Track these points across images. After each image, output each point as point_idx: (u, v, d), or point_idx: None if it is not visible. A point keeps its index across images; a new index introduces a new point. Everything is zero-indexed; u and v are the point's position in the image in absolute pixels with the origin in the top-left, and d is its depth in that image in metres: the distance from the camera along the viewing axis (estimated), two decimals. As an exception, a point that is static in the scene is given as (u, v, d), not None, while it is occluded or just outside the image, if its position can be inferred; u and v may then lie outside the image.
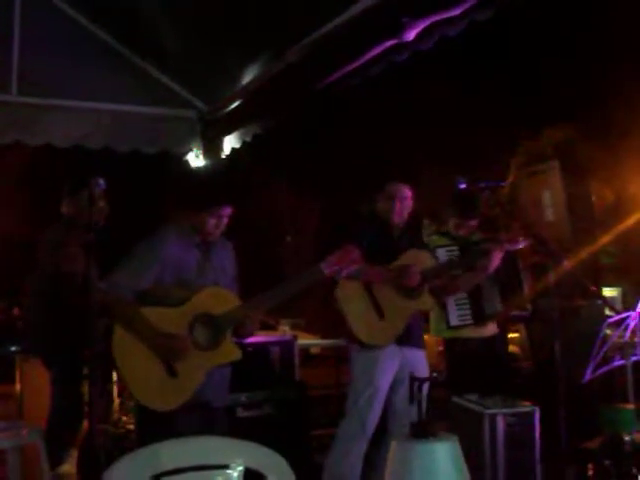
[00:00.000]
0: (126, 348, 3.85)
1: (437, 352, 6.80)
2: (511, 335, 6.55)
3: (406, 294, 4.67)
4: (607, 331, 4.92)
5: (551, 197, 6.85)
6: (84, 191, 4.85)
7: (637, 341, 4.68)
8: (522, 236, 4.98)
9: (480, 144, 7.21)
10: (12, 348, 5.98)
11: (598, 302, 6.04)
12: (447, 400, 4.90)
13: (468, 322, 5.35)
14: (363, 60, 4.74)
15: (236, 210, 4.05)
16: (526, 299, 5.77)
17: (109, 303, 3.88)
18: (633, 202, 6.97)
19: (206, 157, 6.80)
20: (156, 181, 7.61)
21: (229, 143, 6.67)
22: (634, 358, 4.68)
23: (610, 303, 5.90)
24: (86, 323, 3.91)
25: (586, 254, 6.32)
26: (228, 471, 2.53)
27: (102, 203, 5.07)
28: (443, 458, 2.50)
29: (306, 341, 7.08)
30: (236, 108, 6.34)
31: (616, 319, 4.82)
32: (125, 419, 6.15)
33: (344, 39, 4.79)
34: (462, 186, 4.32)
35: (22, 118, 6.03)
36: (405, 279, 4.62)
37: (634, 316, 4.69)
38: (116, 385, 6.30)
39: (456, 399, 4.81)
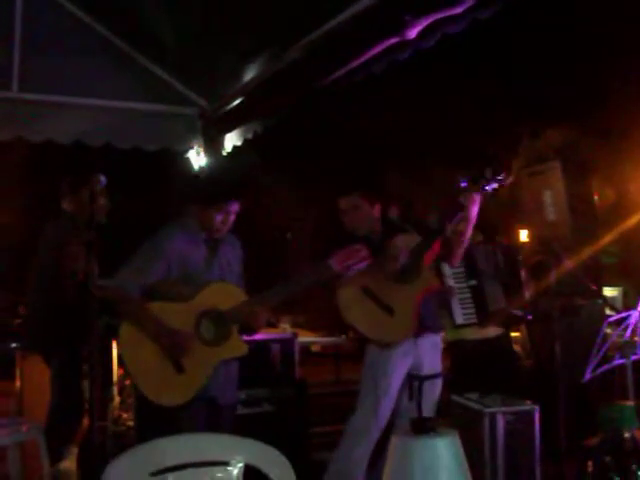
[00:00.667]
0: (133, 344, 3.89)
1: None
2: (513, 334, 6.54)
3: (404, 280, 4.49)
4: (607, 330, 4.93)
5: (552, 197, 6.85)
6: (85, 188, 4.87)
7: (637, 340, 4.68)
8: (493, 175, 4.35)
9: (481, 143, 7.20)
10: (12, 345, 5.98)
11: (599, 301, 6.05)
12: (447, 399, 4.91)
13: (473, 320, 5.37)
14: (365, 58, 4.73)
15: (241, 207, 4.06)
16: (526, 299, 5.76)
17: (115, 300, 3.91)
18: (634, 202, 6.98)
19: (207, 154, 6.79)
20: (157, 178, 7.61)
21: (230, 141, 6.67)
22: (634, 357, 4.68)
23: (610, 302, 5.92)
24: (86, 320, 3.93)
25: (587, 253, 6.32)
26: (228, 468, 2.53)
27: (103, 200, 5.07)
28: (444, 453, 2.50)
29: (306, 339, 7.08)
30: (237, 105, 6.34)
31: (616, 318, 4.83)
32: (125, 416, 6.14)
33: (346, 37, 4.78)
34: (463, 185, 4.30)
35: (23, 115, 6.02)
36: (389, 259, 4.47)
37: (635, 315, 4.68)
38: (116, 383, 6.29)
39: (456, 398, 4.81)
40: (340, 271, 4.09)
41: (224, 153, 6.73)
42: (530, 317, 5.95)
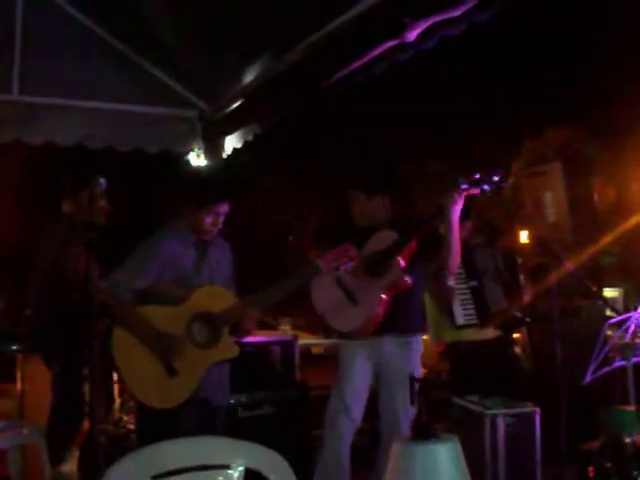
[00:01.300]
0: (125, 348, 3.90)
1: (437, 353, 6.80)
2: (513, 336, 6.54)
3: (374, 274, 4.44)
4: (608, 332, 4.92)
5: (552, 198, 6.86)
6: (85, 190, 4.86)
7: (638, 342, 4.68)
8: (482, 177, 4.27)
9: (482, 144, 7.21)
10: (13, 347, 5.98)
11: (599, 303, 6.05)
12: (447, 401, 4.90)
13: (474, 321, 5.37)
14: (364, 60, 4.74)
15: (238, 209, 4.07)
16: (525, 301, 5.75)
17: (107, 302, 3.92)
18: (634, 203, 6.98)
19: (207, 157, 6.79)
20: (157, 181, 7.61)
21: (230, 143, 6.67)
22: (635, 359, 4.68)
23: (611, 304, 5.91)
24: (87, 322, 3.93)
25: (587, 254, 6.33)
26: (229, 471, 2.53)
27: (103, 202, 5.07)
28: (445, 459, 2.50)
29: (307, 341, 7.08)
30: (237, 108, 6.34)
31: (617, 320, 4.82)
32: (126, 419, 6.14)
33: (345, 39, 4.79)
34: (463, 187, 4.28)
35: (23, 117, 6.03)
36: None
37: (635, 317, 4.68)
38: (117, 385, 6.29)
39: (457, 400, 4.81)
40: (328, 271, 4.11)
41: (224, 155, 6.73)
42: (529, 319, 5.94)
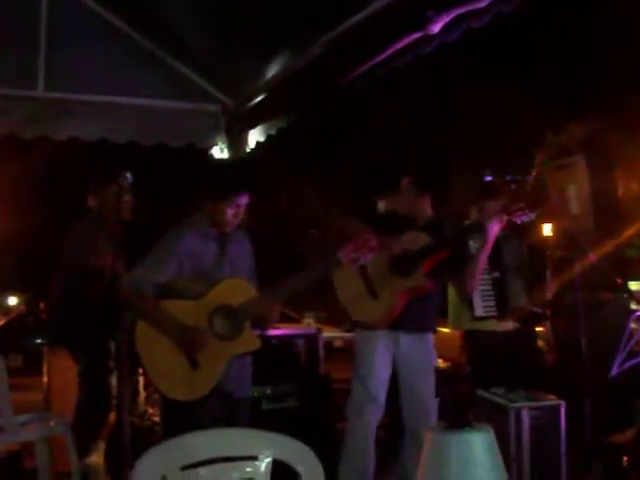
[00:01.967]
0: (148, 341, 3.94)
1: (458, 346, 6.77)
2: (537, 329, 6.49)
3: (400, 273, 4.56)
4: (633, 325, 4.89)
5: (576, 190, 6.81)
6: (111, 185, 4.89)
7: (664, 335, 4.65)
8: (525, 208, 4.57)
9: (506, 137, 7.18)
10: (38, 340, 6.04)
11: (624, 295, 6.01)
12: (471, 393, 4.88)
13: (492, 314, 5.34)
14: (388, 53, 4.72)
15: (260, 203, 4.10)
16: (547, 298, 5.69)
17: (130, 297, 3.96)
18: (659, 195, 6.92)
19: (231, 151, 6.81)
20: (181, 175, 7.64)
21: (254, 137, 6.68)
22: (661, 352, 4.65)
23: (636, 297, 5.87)
24: (113, 316, 3.98)
25: (611, 247, 6.29)
26: (256, 462, 2.55)
27: (128, 197, 5.11)
28: (479, 448, 2.50)
29: (330, 334, 7.09)
30: (261, 102, 6.35)
31: (643, 313, 4.80)
32: (151, 411, 6.19)
33: (369, 33, 4.78)
34: (488, 179, 4.29)
35: (49, 113, 6.07)
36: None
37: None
38: (142, 377, 6.34)
39: (481, 392, 4.80)
40: (348, 262, 4.13)
41: (247, 149, 6.75)
42: (551, 313, 5.90)
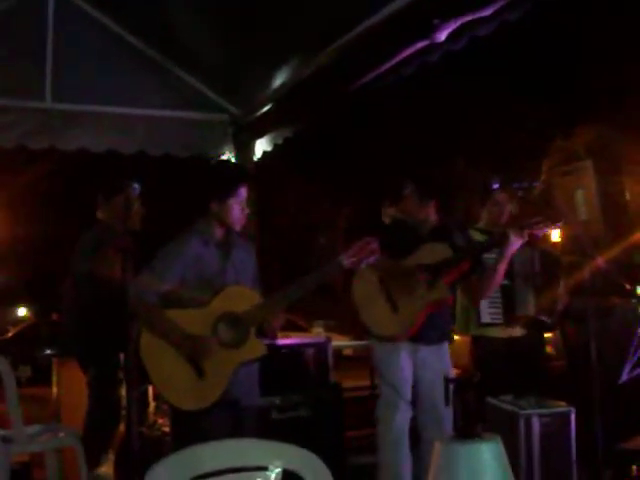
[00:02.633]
0: (153, 351, 3.93)
1: (468, 353, 6.75)
2: (545, 335, 6.47)
3: (422, 287, 4.62)
4: (643, 331, 4.87)
5: (584, 196, 6.80)
6: (120, 196, 4.91)
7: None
8: (545, 222, 4.76)
9: (513, 144, 7.18)
10: (47, 351, 6.06)
11: (633, 301, 5.99)
12: (481, 401, 4.87)
13: (498, 320, 5.32)
14: (394, 62, 4.74)
15: (267, 211, 4.11)
16: (557, 307, 5.65)
17: (135, 307, 3.96)
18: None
19: (238, 160, 6.82)
20: (189, 185, 7.65)
21: (261, 146, 6.70)
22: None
23: (646, 302, 5.85)
24: (122, 327, 3.98)
25: (620, 252, 6.27)
26: (267, 473, 2.54)
27: (138, 207, 5.12)
28: (488, 458, 2.50)
29: (340, 342, 7.08)
30: (268, 111, 6.36)
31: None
32: (160, 422, 6.18)
33: (375, 41, 4.79)
34: (495, 187, 4.30)
35: (56, 124, 6.09)
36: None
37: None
38: (151, 388, 6.33)
39: (490, 400, 4.78)
40: (350, 266, 4.13)
41: (254, 159, 6.76)
42: (559, 321, 5.85)
